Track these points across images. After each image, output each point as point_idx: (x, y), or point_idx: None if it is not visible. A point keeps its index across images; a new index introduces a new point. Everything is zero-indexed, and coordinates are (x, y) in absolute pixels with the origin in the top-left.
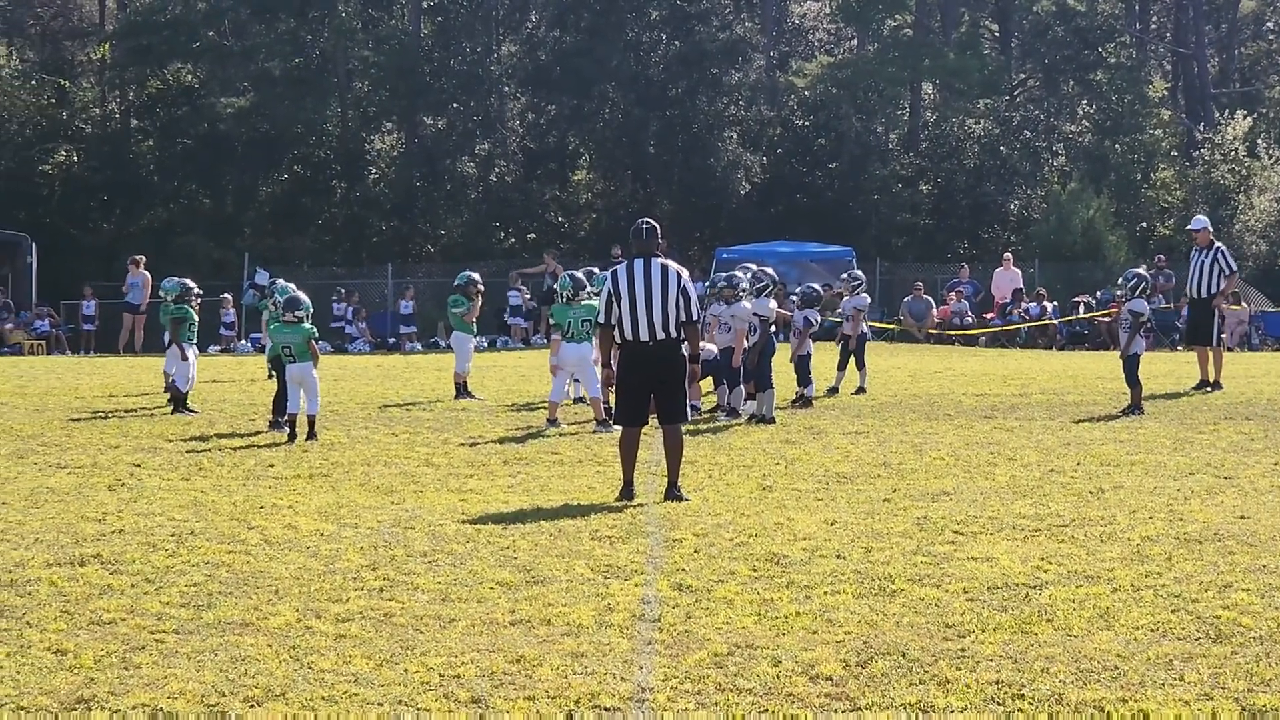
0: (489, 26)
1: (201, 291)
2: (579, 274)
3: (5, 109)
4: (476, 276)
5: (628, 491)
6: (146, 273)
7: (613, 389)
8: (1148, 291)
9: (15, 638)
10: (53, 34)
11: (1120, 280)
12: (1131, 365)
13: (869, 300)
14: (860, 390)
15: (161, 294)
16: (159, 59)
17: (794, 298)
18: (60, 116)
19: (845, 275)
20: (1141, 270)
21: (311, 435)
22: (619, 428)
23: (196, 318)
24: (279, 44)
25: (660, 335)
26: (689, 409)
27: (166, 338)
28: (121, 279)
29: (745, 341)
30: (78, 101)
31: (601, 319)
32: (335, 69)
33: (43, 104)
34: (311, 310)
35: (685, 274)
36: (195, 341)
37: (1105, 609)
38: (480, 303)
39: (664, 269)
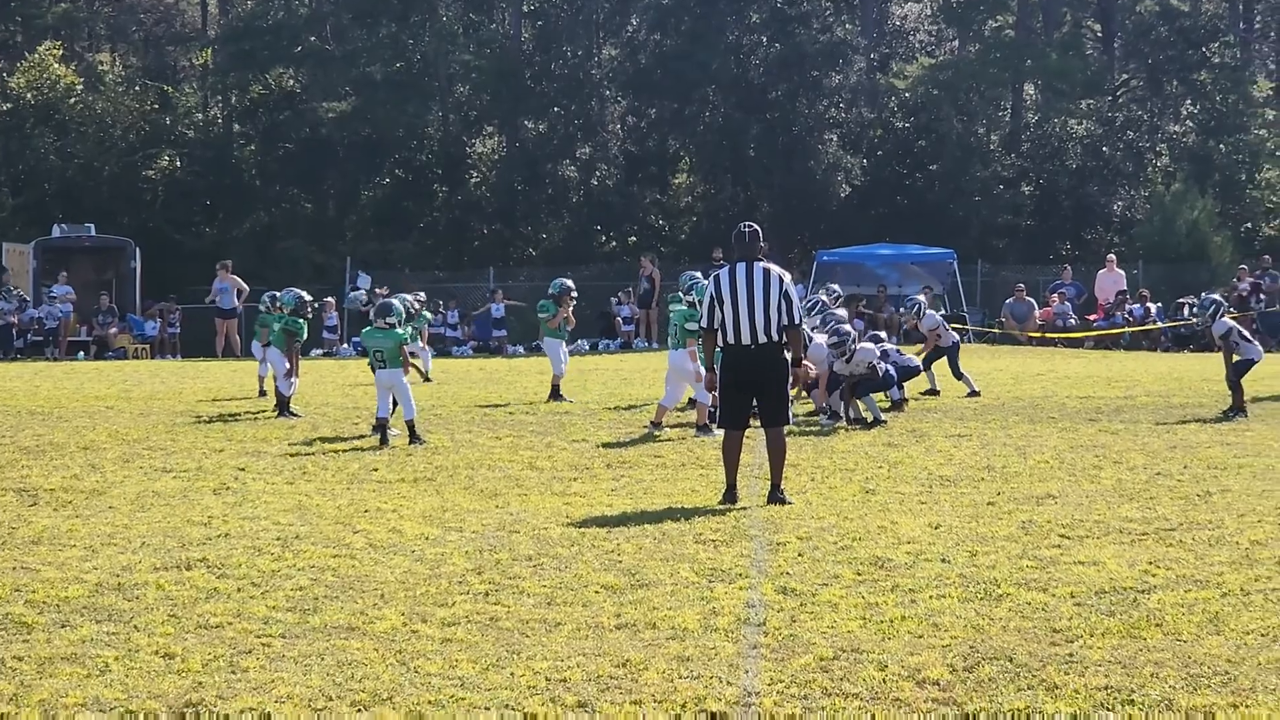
0: (589, 30)
1: (317, 304)
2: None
3: (109, 115)
4: (569, 284)
5: (731, 495)
6: (235, 277)
7: (714, 392)
8: (1224, 313)
9: (123, 641)
10: (156, 40)
11: (1197, 310)
12: (1239, 370)
13: (936, 316)
14: (973, 393)
15: (277, 306)
16: (261, 64)
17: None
18: (163, 122)
19: (902, 310)
20: (1216, 295)
21: (414, 439)
22: (720, 431)
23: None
24: (380, 48)
25: (762, 339)
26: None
27: (258, 342)
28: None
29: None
30: (180, 107)
31: (704, 323)
32: (436, 73)
33: (146, 109)
34: (404, 316)
35: (787, 277)
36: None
37: (1215, 613)
38: (568, 310)
39: (766, 273)
